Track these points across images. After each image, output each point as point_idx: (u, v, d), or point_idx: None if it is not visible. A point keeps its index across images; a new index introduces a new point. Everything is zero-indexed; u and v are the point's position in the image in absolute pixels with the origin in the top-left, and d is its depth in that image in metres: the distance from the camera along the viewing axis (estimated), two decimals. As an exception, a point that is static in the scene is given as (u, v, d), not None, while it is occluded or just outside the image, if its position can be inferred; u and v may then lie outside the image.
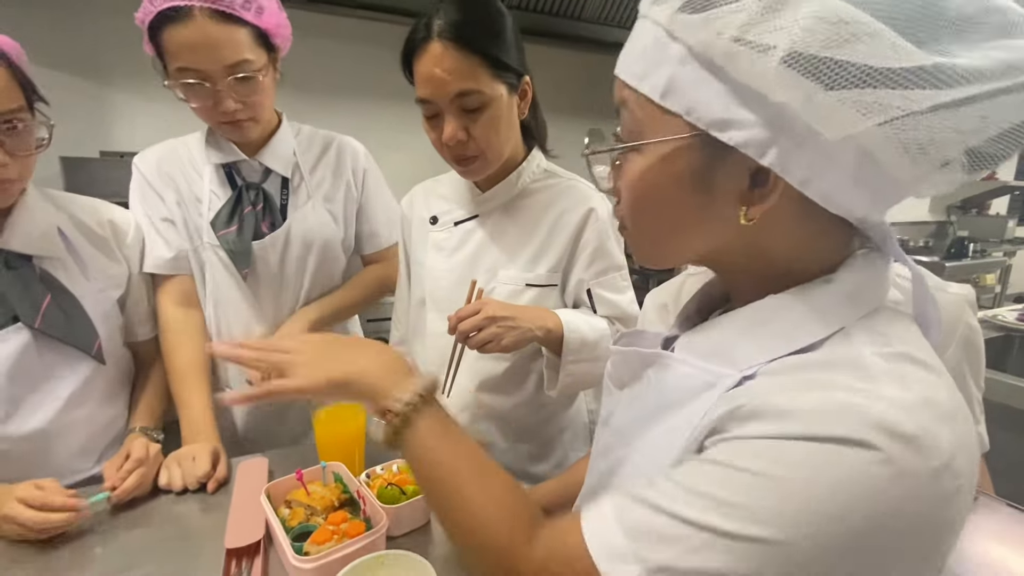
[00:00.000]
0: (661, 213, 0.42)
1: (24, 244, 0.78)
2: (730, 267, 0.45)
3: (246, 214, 0.98)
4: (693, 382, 0.43)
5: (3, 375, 0.75)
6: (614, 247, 0.97)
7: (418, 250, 1.05)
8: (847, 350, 0.37)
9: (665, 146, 0.39)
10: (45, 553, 0.70)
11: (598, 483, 0.51)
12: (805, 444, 0.32)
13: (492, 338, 0.82)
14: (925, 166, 0.34)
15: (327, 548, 0.64)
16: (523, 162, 0.96)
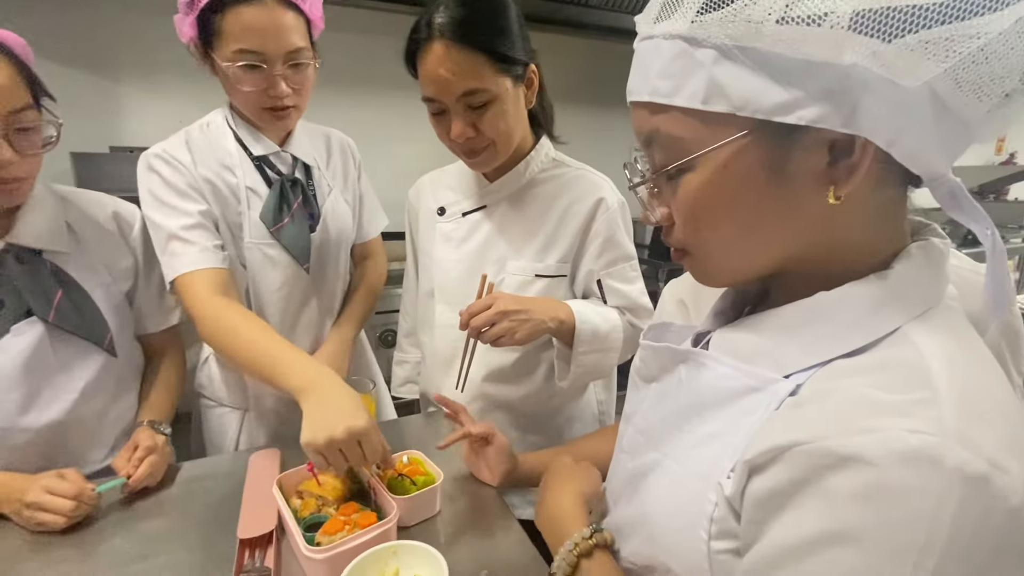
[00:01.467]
0: (737, 221, 0.39)
1: (34, 239, 0.79)
2: (793, 269, 0.41)
3: (296, 209, 0.96)
4: (732, 384, 0.41)
5: (19, 367, 0.76)
6: (624, 237, 0.96)
7: (426, 241, 1.04)
8: (903, 356, 0.35)
9: (722, 152, 0.36)
10: (63, 543, 0.71)
11: (627, 483, 0.50)
12: (878, 496, 0.30)
13: (505, 332, 0.81)
14: (991, 100, 0.32)
15: (339, 538, 0.65)
16: (531, 151, 0.95)
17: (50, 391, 0.80)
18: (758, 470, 0.36)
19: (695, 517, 0.40)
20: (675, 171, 0.39)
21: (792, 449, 0.33)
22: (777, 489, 0.34)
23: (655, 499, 0.45)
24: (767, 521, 0.35)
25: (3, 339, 0.75)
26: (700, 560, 0.39)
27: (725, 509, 0.38)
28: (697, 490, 0.40)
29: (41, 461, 0.79)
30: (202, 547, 0.71)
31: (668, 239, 0.44)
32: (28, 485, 0.71)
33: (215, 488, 0.84)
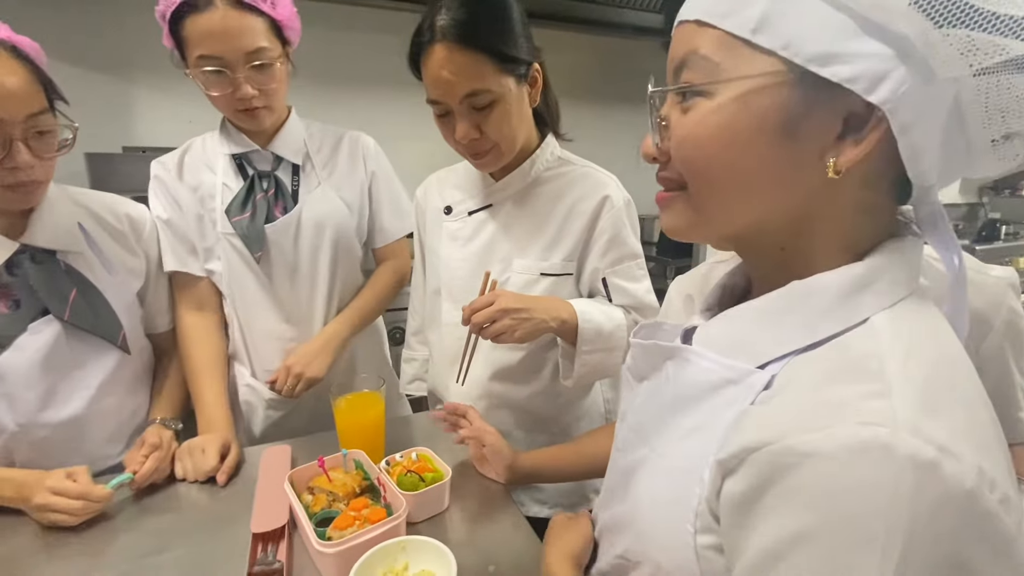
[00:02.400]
0: (735, 163, 0.38)
1: (48, 240, 0.81)
2: (767, 247, 0.42)
3: (259, 200, 1.00)
4: (711, 377, 0.41)
5: (37, 365, 0.78)
6: (630, 235, 0.96)
7: (433, 239, 1.05)
8: (862, 347, 0.36)
9: (746, 84, 0.36)
10: (78, 538, 0.73)
11: (618, 482, 0.51)
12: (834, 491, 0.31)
13: (506, 330, 0.82)
14: (999, 130, 0.33)
15: (349, 533, 0.66)
16: (536, 150, 0.95)
17: (67, 388, 0.82)
18: (730, 472, 0.36)
19: (681, 511, 0.40)
20: (695, 93, 0.38)
21: (759, 451, 0.34)
22: (747, 492, 0.34)
23: (644, 494, 0.45)
24: (743, 526, 0.35)
25: (21, 337, 0.77)
26: (688, 555, 0.40)
27: (706, 505, 0.39)
28: (682, 484, 0.40)
29: (61, 456, 0.81)
30: (216, 541, 0.73)
31: (663, 172, 0.43)
32: (36, 485, 0.73)
33: (228, 484, 0.85)
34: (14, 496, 0.74)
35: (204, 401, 0.97)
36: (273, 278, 1.03)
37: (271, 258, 1.01)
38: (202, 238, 1.01)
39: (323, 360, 1.03)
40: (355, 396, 0.91)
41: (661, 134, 0.41)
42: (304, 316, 1.06)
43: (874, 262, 0.38)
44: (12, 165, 0.72)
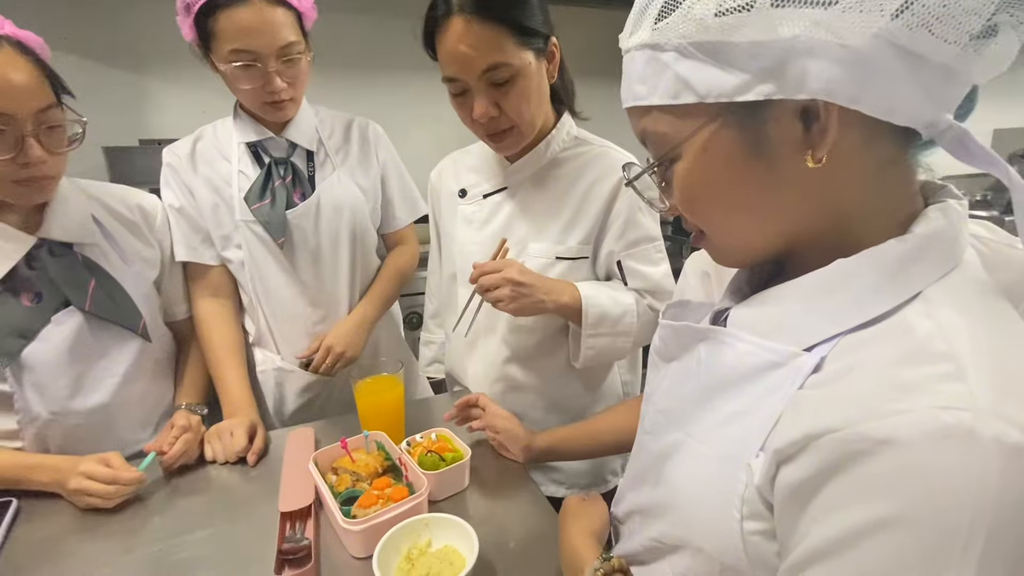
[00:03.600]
0: (726, 198, 0.41)
1: (64, 233, 0.82)
2: (810, 247, 0.41)
3: (277, 187, 1.00)
4: (753, 360, 0.41)
5: (64, 355, 0.81)
6: (645, 217, 0.94)
7: (448, 223, 1.05)
8: (923, 325, 0.34)
9: (700, 137, 0.39)
10: (114, 519, 0.75)
11: (649, 465, 0.51)
12: (915, 479, 0.30)
13: (503, 298, 0.83)
14: (960, 40, 0.32)
15: (373, 511, 0.67)
16: (552, 130, 0.94)
17: (94, 376, 0.84)
18: (788, 460, 0.35)
19: (726, 498, 0.40)
20: (667, 162, 0.42)
21: (823, 437, 0.33)
22: (809, 479, 0.34)
23: (682, 481, 0.45)
24: (802, 513, 0.34)
25: (45, 329, 0.79)
26: (734, 540, 0.39)
27: (755, 492, 0.38)
28: (726, 471, 0.40)
29: (93, 442, 0.84)
30: (245, 520, 0.75)
31: (685, 225, 0.47)
32: (70, 471, 0.75)
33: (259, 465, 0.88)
34: (50, 481, 0.76)
35: (227, 386, 0.99)
36: (296, 263, 1.04)
37: (294, 243, 1.02)
38: (218, 226, 1.01)
39: (359, 339, 1.07)
40: (375, 379, 0.92)
41: (666, 195, 0.45)
42: (329, 299, 1.08)
43: (920, 231, 0.37)
44: (25, 161, 0.72)
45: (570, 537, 0.58)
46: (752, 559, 0.39)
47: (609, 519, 0.61)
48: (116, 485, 0.75)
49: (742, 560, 0.39)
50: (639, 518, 0.53)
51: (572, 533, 0.58)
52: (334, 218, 1.04)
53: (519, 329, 0.97)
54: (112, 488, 0.74)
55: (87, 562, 0.68)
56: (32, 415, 0.80)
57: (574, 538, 0.57)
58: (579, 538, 0.57)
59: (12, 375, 0.77)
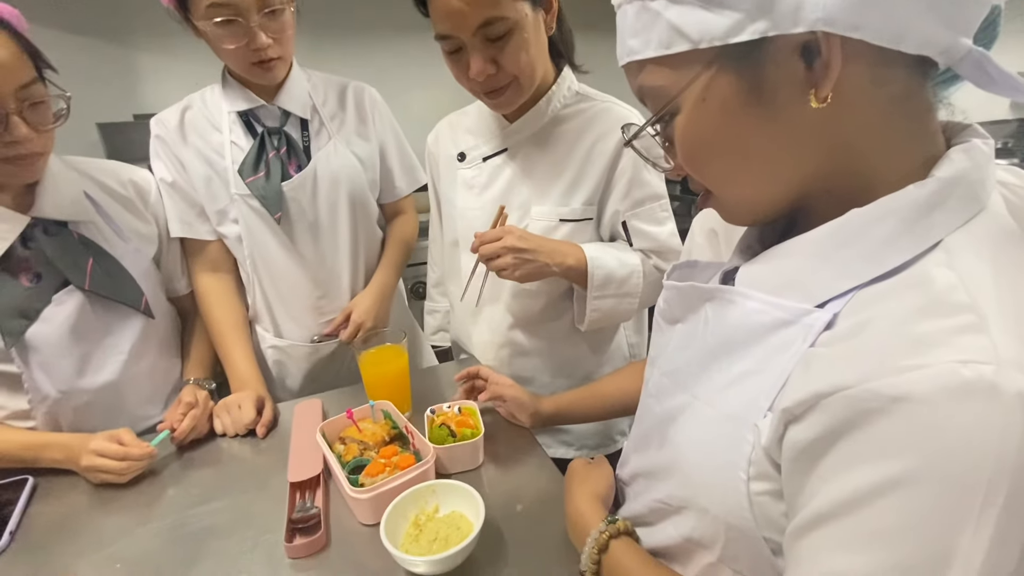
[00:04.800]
0: (729, 150, 0.39)
1: (57, 211, 0.80)
2: (826, 197, 0.39)
3: (271, 158, 0.97)
4: (762, 319, 0.39)
5: (67, 334, 0.80)
6: (651, 175, 0.90)
7: (447, 189, 1.02)
8: (942, 274, 0.32)
9: (697, 86, 0.37)
10: (127, 494, 0.76)
11: (654, 428, 0.50)
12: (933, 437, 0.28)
13: (507, 267, 0.82)
14: None
15: (380, 479, 0.67)
16: (553, 85, 0.89)
17: (100, 354, 0.84)
18: (796, 420, 0.34)
19: (732, 459, 0.39)
20: (667, 117, 0.40)
21: (833, 395, 0.31)
22: (818, 439, 0.32)
23: (688, 442, 0.44)
24: (810, 473, 0.33)
25: (47, 309, 0.79)
26: (740, 501, 0.39)
27: (762, 453, 0.37)
28: (732, 432, 0.39)
29: (103, 419, 0.84)
30: (256, 490, 0.76)
31: (691, 184, 0.44)
32: (82, 448, 0.76)
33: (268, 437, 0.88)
34: (64, 459, 0.78)
35: (233, 360, 0.99)
36: (295, 237, 1.01)
37: (291, 217, 0.99)
38: (212, 200, 0.98)
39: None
40: (379, 350, 0.91)
41: (671, 154, 0.43)
42: (330, 274, 1.05)
43: (941, 174, 0.34)
44: (11, 139, 0.71)
45: (575, 500, 0.58)
46: (758, 520, 0.38)
47: (614, 482, 0.60)
48: (127, 461, 0.75)
49: (748, 521, 0.39)
50: (644, 480, 0.53)
51: (577, 496, 0.58)
52: (332, 190, 1.01)
53: (523, 294, 0.96)
54: (124, 464, 0.75)
55: (103, 535, 0.69)
56: (42, 394, 0.80)
57: (579, 501, 0.57)
58: (584, 501, 0.57)
59: (19, 355, 0.77)
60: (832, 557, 0.31)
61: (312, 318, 1.06)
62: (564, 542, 0.62)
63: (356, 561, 0.63)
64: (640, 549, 0.50)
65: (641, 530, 0.52)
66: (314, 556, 0.64)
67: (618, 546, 0.50)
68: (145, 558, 0.65)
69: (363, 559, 0.63)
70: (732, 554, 0.42)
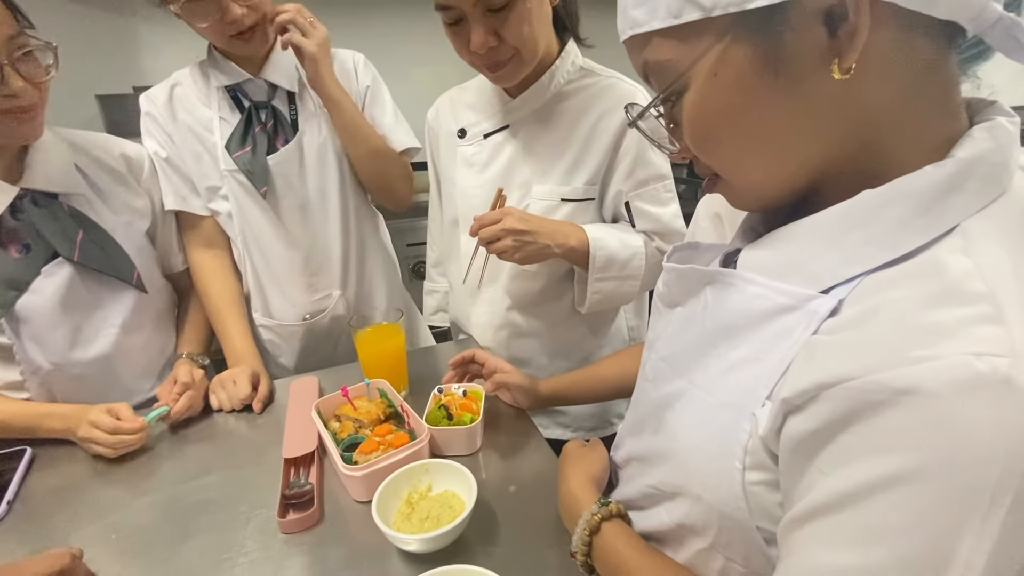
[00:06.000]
0: (742, 129, 0.36)
1: (47, 182, 0.79)
2: (834, 176, 0.37)
3: (257, 133, 0.95)
4: (763, 304, 0.37)
5: (57, 306, 0.80)
6: (655, 155, 0.88)
7: (447, 166, 1.00)
8: (958, 260, 0.30)
9: (708, 59, 0.35)
10: (124, 467, 0.77)
11: (650, 413, 0.49)
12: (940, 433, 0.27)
13: (507, 249, 0.80)
14: None
15: (374, 457, 0.67)
16: (556, 60, 0.87)
17: (91, 327, 0.84)
18: (796, 410, 0.33)
19: (728, 447, 0.38)
20: (674, 96, 0.38)
21: (836, 386, 0.30)
22: (818, 430, 0.31)
23: (683, 429, 0.43)
24: (808, 465, 0.32)
25: (36, 281, 0.78)
26: (734, 490, 0.38)
27: (759, 443, 0.36)
28: (729, 420, 0.38)
29: (98, 390, 0.84)
30: (251, 466, 0.76)
31: (697, 168, 0.42)
32: (80, 419, 0.76)
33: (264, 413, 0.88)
34: (62, 428, 0.78)
35: (229, 336, 0.98)
36: (283, 214, 1.00)
37: (278, 192, 0.98)
38: (203, 177, 0.97)
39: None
40: (375, 328, 0.91)
41: (676, 136, 0.41)
42: (321, 252, 1.04)
43: (961, 155, 0.32)
44: (8, 92, 0.69)
45: (569, 482, 0.57)
46: (753, 509, 0.37)
47: (609, 464, 0.60)
48: (119, 436, 0.75)
49: (742, 510, 0.38)
50: (637, 465, 0.52)
51: (571, 478, 0.58)
52: (320, 162, 0.99)
53: (522, 275, 0.94)
54: (115, 439, 0.75)
55: (100, 506, 0.70)
56: (34, 366, 0.80)
57: (573, 483, 0.57)
58: (578, 483, 0.57)
59: (9, 327, 0.77)
60: (825, 551, 0.30)
61: (304, 297, 1.05)
62: (556, 524, 0.62)
63: (349, 537, 0.63)
64: (632, 532, 0.50)
65: (633, 514, 0.52)
66: (307, 531, 0.64)
67: (610, 528, 0.50)
68: (141, 530, 0.66)
69: (356, 535, 0.63)
70: (725, 541, 0.41)
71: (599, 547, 0.50)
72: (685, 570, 0.45)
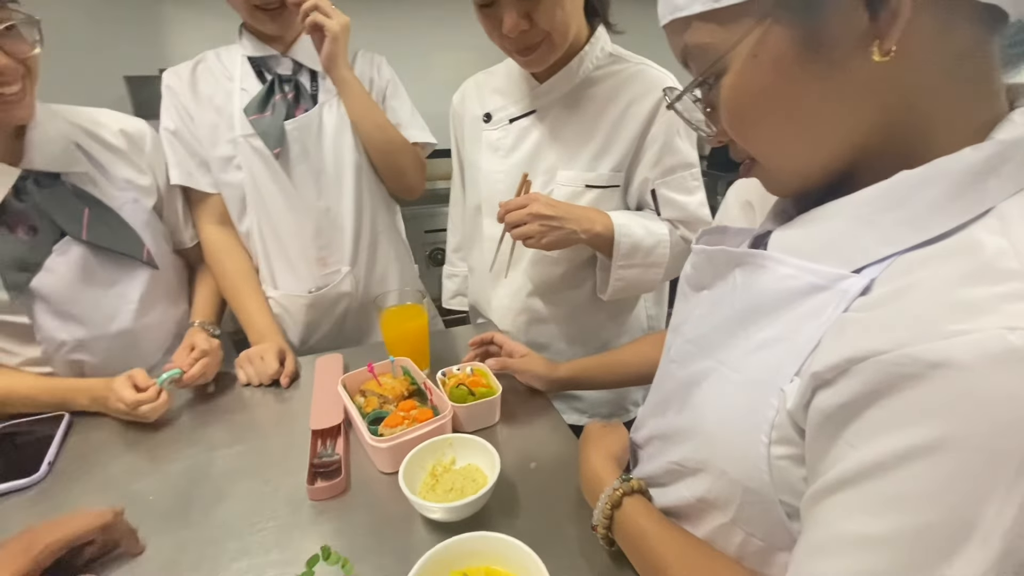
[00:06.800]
0: (780, 111, 0.37)
1: (48, 162, 0.79)
2: (871, 160, 0.37)
3: (277, 100, 0.96)
4: (792, 284, 0.38)
5: (74, 283, 0.81)
6: (683, 143, 0.88)
7: (472, 151, 1.01)
8: (993, 240, 0.30)
9: (748, 42, 0.35)
10: (155, 435, 0.79)
11: (674, 393, 0.50)
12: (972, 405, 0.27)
13: (533, 234, 0.81)
14: None
15: (399, 431, 0.69)
16: (586, 45, 0.87)
17: (110, 304, 0.86)
18: (825, 384, 0.33)
19: (755, 423, 0.38)
20: (712, 78, 0.38)
21: (866, 360, 0.30)
22: (848, 403, 0.31)
23: (710, 406, 0.44)
24: (836, 438, 0.33)
25: (49, 260, 0.79)
26: (759, 464, 0.39)
27: (786, 417, 0.37)
28: (756, 396, 0.38)
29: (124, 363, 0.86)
30: (277, 438, 0.79)
31: (733, 153, 0.43)
32: (107, 393, 0.78)
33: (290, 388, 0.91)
34: (90, 403, 0.80)
35: (248, 314, 1.00)
36: (296, 180, 0.99)
37: (292, 159, 0.97)
38: (215, 146, 0.97)
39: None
40: (400, 308, 0.92)
41: (713, 120, 0.41)
42: (333, 224, 1.03)
43: (1001, 137, 0.33)
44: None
45: (590, 460, 0.59)
46: (776, 483, 0.38)
47: (629, 444, 0.61)
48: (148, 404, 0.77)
49: (766, 484, 0.39)
50: (659, 443, 0.53)
51: (592, 456, 0.59)
52: (338, 135, 1.00)
53: (543, 260, 0.95)
54: (140, 410, 0.77)
55: (134, 471, 0.73)
56: (57, 343, 0.82)
57: (594, 460, 0.58)
58: (599, 461, 0.58)
59: (26, 306, 0.79)
60: (849, 521, 0.31)
61: (312, 270, 1.05)
62: (577, 500, 0.63)
63: (375, 506, 0.65)
64: (652, 507, 0.51)
65: (654, 490, 0.53)
66: (334, 499, 0.66)
67: (631, 503, 0.51)
68: (176, 493, 0.68)
69: (381, 504, 0.65)
70: (746, 516, 0.42)
71: (620, 521, 0.52)
72: (704, 544, 0.46)
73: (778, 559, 0.41)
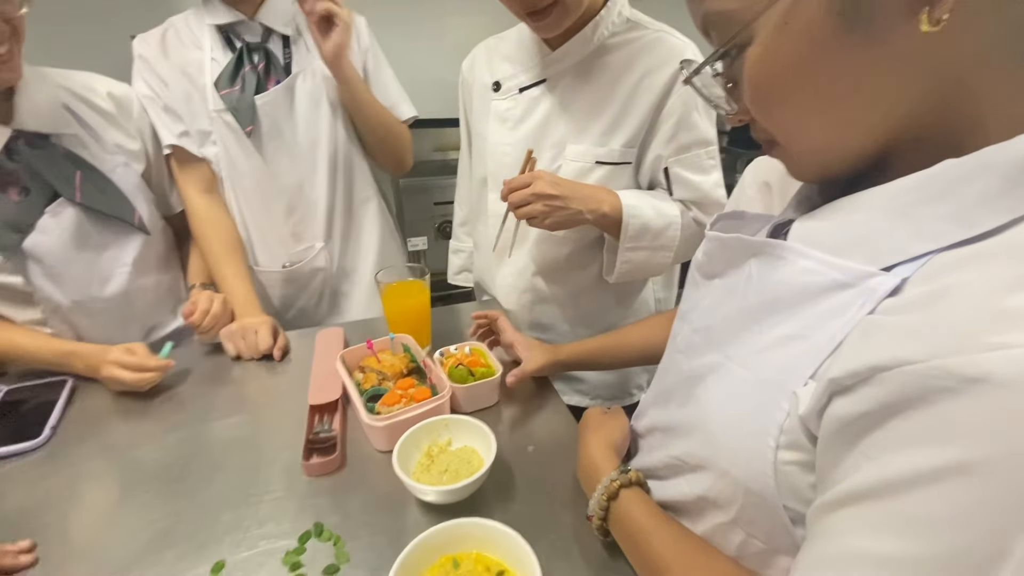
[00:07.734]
0: (809, 87, 0.33)
1: (38, 123, 0.78)
2: (908, 146, 0.34)
3: (247, 72, 0.93)
4: (816, 279, 0.35)
5: (68, 244, 0.81)
6: (702, 118, 0.83)
7: (480, 121, 0.97)
8: None
9: (777, 8, 0.32)
10: (152, 403, 0.80)
11: (679, 385, 0.47)
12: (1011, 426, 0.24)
13: (537, 214, 0.78)
14: None
15: (396, 409, 0.68)
16: (601, 10, 0.82)
17: (105, 266, 0.86)
18: (844, 391, 0.30)
19: (763, 425, 0.36)
20: (735, 49, 0.35)
21: (893, 369, 0.28)
22: (868, 414, 0.29)
23: (715, 403, 0.42)
24: (851, 448, 0.30)
25: (42, 220, 0.79)
26: (764, 468, 0.36)
27: (797, 422, 0.34)
28: (766, 397, 0.36)
29: (119, 326, 0.87)
30: (275, 411, 0.78)
31: (754, 133, 0.39)
32: (102, 359, 0.78)
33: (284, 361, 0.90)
34: (85, 368, 0.80)
35: (230, 285, 0.97)
36: (267, 157, 0.97)
37: (264, 134, 0.95)
38: (193, 119, 0.95)
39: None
40: (402, 283, 0.90)
41: (733, 96, 0.38)
42: (305, 198, 1.02)
43: None
44: None
45: (589, 447, 0.57)
46: (781, 488, 0.36)
47: (629, 432, 0.59)
48: (143, 372, 0.78)
49: (769, 488, 0.37)
50: (660, 435, 0.51)
51: (591, 443, 0.57)
52: (311, 108, 0.97)
53: (549, 240, 0.92)
54: (137, 376, 0.77)
55: (130, 439, 0.73)
56: (53, 304, 0.82)
57: (593, 448, 0.57)
58: (598, 449, 0.56)
59: (21, 268, 0.79)
60: (860, 538, 0.29)
61: (286, 245, 1.04)
62: (573, 486, 0.62)
63: (369, 484, 0.65)
64: (650, 500, 0.50)
65: (653, 483, 0.51)
66: (329, 476, 0.66)
67: (628, 495, 0.50)
68: (173, 462, 0.69)
69: (376, 483, 0.65)
70: (747, 517, 0.41)
71: (616, 513, 0.50)
72: (703, 543, 0.45)
73: (779, 562, 0.40)
